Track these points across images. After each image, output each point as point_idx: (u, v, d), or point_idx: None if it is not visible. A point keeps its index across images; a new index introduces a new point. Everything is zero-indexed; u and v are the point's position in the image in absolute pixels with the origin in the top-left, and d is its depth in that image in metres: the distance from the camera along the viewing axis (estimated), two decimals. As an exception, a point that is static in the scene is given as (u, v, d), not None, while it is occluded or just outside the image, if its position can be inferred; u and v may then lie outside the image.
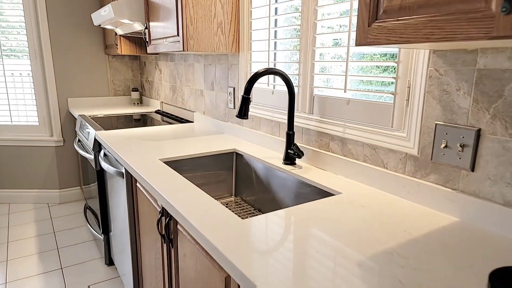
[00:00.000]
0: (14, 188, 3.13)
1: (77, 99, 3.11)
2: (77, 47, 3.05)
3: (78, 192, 3.25)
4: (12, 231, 2.62)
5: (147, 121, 2.43)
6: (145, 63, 3.20)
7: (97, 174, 2.06)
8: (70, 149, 3.15)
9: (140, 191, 1.41)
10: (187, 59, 2.36)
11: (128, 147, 1.64)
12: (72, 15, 2.97)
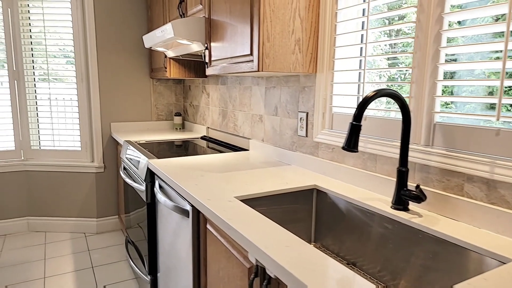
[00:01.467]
0: (51, 216, 2.99)
1: (119, 123, 2.99)
2: (123, 71, 2.95)
3: (116, 222, 3.07)
4: (48, 264, 2.44)
5: (190, 147, 2.24)
6: (190, 87, 3.06)
7: (147, 208, 1.86)
8: (110, 176, 3.00)
9: (214, 236, 1.18)
10: (243, 81, 2.18)
11: (191, 179, 1.43)
12: (120, 39, 2.90)
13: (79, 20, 2.78)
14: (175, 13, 2.30)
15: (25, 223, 2.98)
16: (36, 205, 2.97)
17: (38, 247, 2.69)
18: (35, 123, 2.93)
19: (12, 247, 2.68)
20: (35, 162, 2.92)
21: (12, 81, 2.85)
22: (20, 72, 2.85)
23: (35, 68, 2.86)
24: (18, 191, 2.93)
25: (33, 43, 2.82)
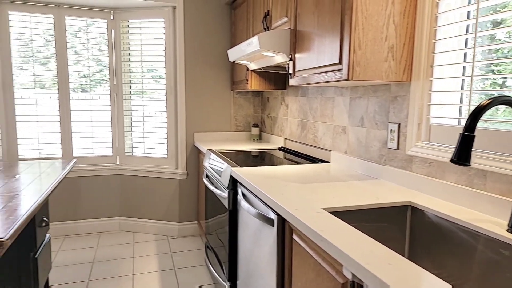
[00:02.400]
0: (139, 217, 3.24)
1: (202, 133, 3.15)
2: (207, 84, 3.13)
3: (195, 227, 3.21)
4: (136, 262, 2.63)
5: (267, 158, 2.25)
6: (268, 99, 3.12)
7: (229, 215, 1.90)
8: (192, 183, 3.17)
9: (300, 247, 1.15)
10: (325, 92, 2.15)
11: (276, 189, 1.43)
12: (205, 55, 3.09)
13: (171, 38, 3.03)
14: (259, 27, 2.38)
15: (117, 222, 3.28)
16: (127, 207, 3.26)
17: (127, 246, 2.93)
18: (129, 132, 3.24)
19: (106, 244, 2.96)
20: (128, 167, 3.22)
21: (113, 95, 3.20)
22: (119, 87, 3.19)
23: (131, 83, 3.18)
24: (113, 193, 3.24)
25: (130, 60, 3.14)
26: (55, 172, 1.81)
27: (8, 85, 2.93)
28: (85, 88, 3.13)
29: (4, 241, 0.95)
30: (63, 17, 2.99)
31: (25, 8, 2.91)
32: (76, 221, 3.16)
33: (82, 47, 3.08)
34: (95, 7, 3.06)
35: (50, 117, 3.06)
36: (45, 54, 2.99)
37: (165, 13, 3.01)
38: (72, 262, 2.62)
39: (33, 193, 1.41)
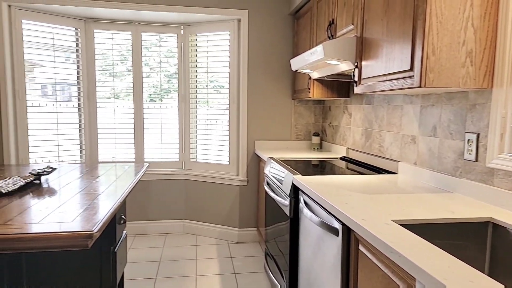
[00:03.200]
0: (201, 221, 3.38)
1: (262, 141, 3.21)
2: (268, 93, 3.19)
3: (254, 234, 3.26)
4: (199, 264, 2.74)
5: (328, 167, 2.21)
6: (330, 108, 3.08)
7: (290, 223, 1.91)
8: (252, 190, 3.23)
9: (368, 259, 1.12)
10: (392, 100, 2.07)
11: (340, 198, 1.40)
12: (267, 65, 3.16)
13: (235, 49, 3.15)
14: (323, 35, 2.38)
15: (182, 225, 3.45)
16: (190, 210, 3.42)
17: (191, 248, 3.07)
18: (194, 139, 3.42)
19: (172, 245, 3.13)
20: (192, 172, 3.38)
21: (181, 104, 3.41)
22: (186, 97, 3.39)
23: (197, 93, 3.35)
24: (178, 196, 3.43)
25: (197, 71, 3.33)
26: (131, 175, 1.97)
27: (92, 96, 3.27)
28: (156, 98, 3.37)
29: (93, 233, 1.07)
30: (140, 33, 3.28)
31: (108, 27, 3.24)
32: (146, 222, 3.40)
33: (154, 60, 3.33)
34: (167, 23, 3.30)
35: (125, 125, 3.35)
36: (123, 67, 3.30)
37: (230, 26, 3.15)
38: (141, 260, 2.81)
39: (114, 192, 1.55)
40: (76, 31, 3.17)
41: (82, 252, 1.54)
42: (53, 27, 3.05)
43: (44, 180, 1.79)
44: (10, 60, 2.89)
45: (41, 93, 3.08)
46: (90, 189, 1.61)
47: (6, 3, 2.81)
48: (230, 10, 3.06)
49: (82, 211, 1.26)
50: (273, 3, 3.12)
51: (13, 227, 1.08)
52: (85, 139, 3.29)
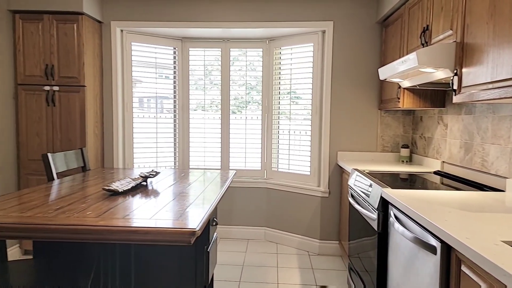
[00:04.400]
0: (282, 229, 3.43)
1: (345, 152, 3.15)
2: (352, 103, 3.13)
3: (336, 247, 3.19)
4: (280, 272, 2.78)
5: (419, 182, 2.06)
6: (421, 118, 2.89)
7: (378, 237, 1.84)
8: (333, 202, 3.18)
9: (471, 281, 1.03)
10: (498, 110, 1.87)
11: (437, 214, 1.31)
12: (351, 74, 3.11)
13: (318, 61, 3.17)
14: (415, 43, 2.27)
15: (263, 232, 3.54)
16: (272, 218, 3.50)
17: (272, 255, 3.12)
18: (275, 149, 3.50)
19: (253, 251, 3.23)
20: (274, 181, 3.46)
21: (264, 115, 3.54)
22: (270, 108, 3.50)
23: (280, 104, 3.44)
24: (260, 204, 3.53)
25: (280, 83, 3.42)
26: (221, 181, 2.11)
27: (185, 108, 3.59)
28: (240, 110, 3.56)
29: (196, 231, 1.18)
30: (228, 49, 3.51)
31: (201, 44, 3.54)
32: (229, 226, 3.56)
33: (239, 73, 3.53)
34: (254, 38, 3.48)
35: (213, 134, 3.59)
36: (212, 81, 3.56)
37: (314, 38, 3.18)
38: (226, 262, 2.96)
39: (209, 196, 1.68)
40: (174, 50, 3.53)
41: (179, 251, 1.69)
42: (155, 47, 3.45)
43: (149, 182, 2.02)
44: (121, 77, 3.34)
45: (143, 106, 3.49)
46: (188, 192, 1.77)
47: (119, 28, 3.26)
48: (315, 23, 3.10)
49: (184, 211, 1.39)
50: (359, 13, 3.07)
51: (130, 221, 1.24)
52: (178, 147, 3.61)
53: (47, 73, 2.97)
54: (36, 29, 2.95)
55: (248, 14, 3.17)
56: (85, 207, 1.40)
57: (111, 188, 1.65)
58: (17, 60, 2.97)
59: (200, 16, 3.19)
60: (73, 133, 3.02)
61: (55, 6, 2.89)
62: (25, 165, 3.03)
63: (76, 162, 2.31)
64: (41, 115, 3.01)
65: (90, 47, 3.07)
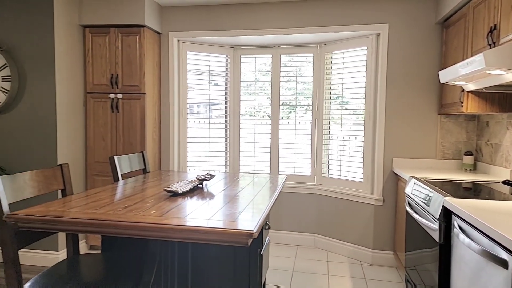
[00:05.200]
0: (332, 237, 3.36)
1: (401, 159, 3.02)
2: (408, 108, 3.00)
3: (391, 257, 3.06)
4: (331, 280, 2.73)
5: (484, 191, 1.91)
6: (487, 123, 2.69)
7: (440, 249, 1.74)
8: (388, 210, 3.06)
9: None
10: None
11: (507, 225, 1.22)
12: (408, 78, 2.99)
13: (372, 64, 3.09)
14: (481, 43, 2.13)
15: (312, 239, 3.50)
16: (321, 225, 3.44)
17: (322, 263, 3.07)
18: (326, 154, 3.45)
19: (303, 257, 3.20)
20: (324, 187, 3.41)
21: (314, 120, 3.51)
22: (320, 113, 3.47)
23: (331, 109, 3.40)
24: (310, 210, 3.50)
25: (331, 88, 3.38)
26: (273, 185, 2.13)
27: (236, 113, 3.68)
28: (289, 115, 3.56)
29: (253, 233, 1.21)
30: (279, 55, 3.54)
31: (252, 51, 3.61)
32: (279, 231, 3.57)
33: (290, 79, 3.54)
34: (305, 44, 3.48)
35: (262, 139, 3.63)
36: (262, 87, 3.61)
37: (368, 41, 3.11)
38: (276, 267, 2.96)
39: (262, 200, 1.71)
40: (226, 57, 3.65)
41: (233, 252, 1.73)
42: (209, 55, 3.58)
43: (205, 184, 2.10)
44: (177, 85, 3.52)
45: (196, 112, 3.63)
46: (242, 195, 1.81)
47: (176, 38, 3.44)
48: (369, 26, 3.03)
49: (240, 213, 1.43)
50: (416, 14, 2.95)
51: (191, 220, 1.31)
52: (229, 151, 3.70)
53: (112, 82, 3.22)
54: (104, 42, 3.21)
55: (300, 20, 3.18)
56: (149, 207, 1.49)
57: (172, 189, 1.74)
58: (86, 71, 3.25)
59: (252, 24, 3.27)
60: (134, 137, 3.23)
61: (121, 20, 3.13)
62: (92, 166, 3.29)
63: (138, 165, 2.47)
64: (106, 120, 3.26)
65: (150, 57, 3.27)
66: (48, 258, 3.00)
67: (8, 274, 1.34)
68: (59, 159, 2.98)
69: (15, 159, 3.01)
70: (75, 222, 1.28)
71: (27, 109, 2.97)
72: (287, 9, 3.20)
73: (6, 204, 1.35)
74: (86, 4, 3.16)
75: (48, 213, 1.33)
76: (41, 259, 3.00)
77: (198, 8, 3.35)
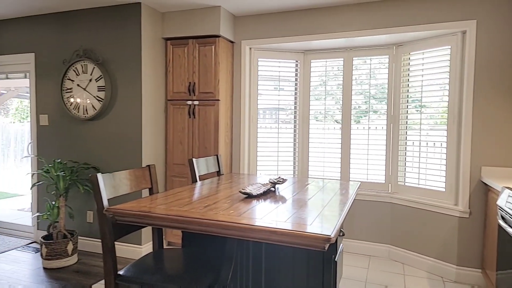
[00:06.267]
0: (409, 249, 3.15)
1: (491, 168, 2.72)
2: (501, 111, 2.70)
3: (478, 276, 2.76)
4: (408, 295, 2.56)
5: None
6: None
7: (544, 270, 1.53)
8: (475, 223, 2.77)
9: None
10: None
11: None
12: (500, 79, 2.69)
13: (457, 65, 2.85)
14: None
15: (386, 250, 3.31)
16: (397, 236, 3.25)
17: (398, 276, 2.90)
18: (402, 161, 3.26)
19: (376, 268, 3.05)
20: (400, 196, 3.22)
21: (389, 125, 3.34)
22: (396, 117, 3.29)
23: (408, 113, 3.20)
24: (384, 219, 3.33)
25: (409, 91, 3.19)
26: (346, 191, 2.07)
27: (305, 118, 3.66)
28: (361, 119, 3.44)
29: (331, 238, 1.19)
30: (351, 58, 3.46)
31: (323, 56, 3.58)
32: (350, 240, 3.45)
33: (361, 82, 3.42)
34: (379, 46, 3.34)
35: (332, 144, 3.56)
36: (332, 91, 3.54)
37: (452, 40, 2.88)
38: (348, 277, 2.87)
39: (337, 205, 1.68)
40: (296, 63, 3.66)
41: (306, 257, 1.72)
42: (279, 61, 3.64)
43: (277, 188, 2.13)
44: (248, 91, 3.63)
45: (266, 116, 3.70)
46: (315, 200, 1.80)
47: (248, 46, 3.56)
48: (453, 23, 2.81)
49: (315, 218, 1.42)
50: (509, 9, 2.65)
51: (267, 222, 1.33)
52: (298, 156, 3.70)
53: (190, 89, 3.44)
54: (183, 53, 3.46)
55: (373, 22, 3.07)
56: (227, 207, 1.56)
57: (247, 191, 1.80)
58: (167, 80, 3.52)
59: (323, 28, 3.24)
60: (208, 141, 3.40)
61: (198, 31, 3.34)
62: (171, 168, 3.54)
63: (214, 167, 2.59)
64: (184, 126, 3.49)
65: (224, 65, 3.43)
66: (132, 251, 3.29)
67: (106, 261, 1.50)
68: (143, 161, 3.27)
69: (106, 160, 3.37)
70: (163, 218, 1.39)
71: (117, 115, 3.31)
72: (359, 11, 3.12)
73: (106, 199, 1.52)
74: (168, 18, 3.44)
75: (140, 208, 1.47)
76: (127, 251, 3.31)
77: (270, 15, 3.43)
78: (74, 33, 3.45)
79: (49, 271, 2.95)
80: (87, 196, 3.46)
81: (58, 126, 3.57)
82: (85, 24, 3.40)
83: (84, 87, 3.38)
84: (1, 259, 3.20)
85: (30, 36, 3.66)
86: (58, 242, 2.99)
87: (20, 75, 3.89)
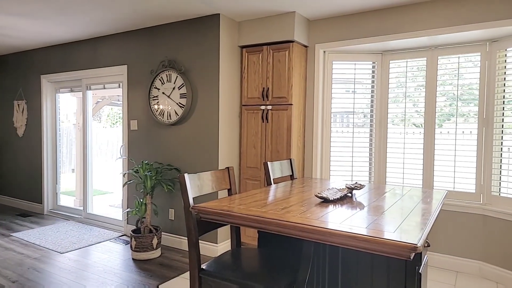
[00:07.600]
0: (505, 268, 2.79)
1: None
2: None
3: None
4: (505, 320, 2.27)
5: None
6: None
7: None
8: None
9: None
10: None
11: None
12: None
13: None
14: None
15: (477, 266, 2.99)
16: (490, 252, 2.91)
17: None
18: (497, 169, 2.91)
19: (464, 286, 2.76)
20: (494, 208, 2.88)
21: (480, 129, 3.02)
22: (489, 121, 2.96)
23: (504, 116, 2.86)
24: (473, 233, 3.01)
25: (505, 91, 2.85)
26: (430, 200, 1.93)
27: (383, 121, 3.49)
28: (444, 123, 3.16)
29: (417, 247, 1.12)
30: (436, 57, 3.21)
31: (403, 56, 3.38)
32: (434, 253, 3.19)
33: (445, 82, 3.15)
34: (469, 42, 3.06)
35: (413, 149, 3.33)
36: (414, 93, 3.32)
37: (561, 31, 2.51)
38: (429, 292, 2.65)
39: (421, 214, 1.57)
40: (373, 64, 3.52)
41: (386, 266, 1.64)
42: (355, 64, 3.53)
43: (353, 194, 2.07)
44: (322, 95, 3.59)
45: (340, 120, 3.62)
46: (396, 208, 1.71)
47: (322, 49, 3.53)
48: (562, 11, 2.45)
49: (398, 225, 1.35)
50: None
51: (347, 227, 1.31)
52: (374, 161, 3.54)
53: (263, 95, 3.52)
54: (257, 59, 3.56)
55: (461, 17, 2.82)
56: (304, 210, 1.56)
57: (323, 196, 1.78)
58: (242, 86, 3.66)
59: (403, 27, 3.07)
60: (281, 145, 3.44)
61: (272, 37, 3.41)
62: (244, 171, 3.66)
63: (287, 171, 2.62)
64: (257, 130, 3.58)
65: (297, 69, 3.45)
66: (209, 249, 3.46)
67: (191, 255, 1.61)
68: (220, 163, 3.43)
69: (186, 162, 3.61)
70: (243, 217, 1.45)
71: (197, 120, 3.54)
72: (443, 6, 2.89)
73: (191, 198, 1.64)
74: (244, 27, 3.58)
75: (221, 207, 1.55)
76: (204, 249, 3.49)
77: (345, 17, 3.36)
78: (160, 45, 3.77)
79: (137, 262, 3.25)
80: (169, 195, 3.74)
81: (145, 130, 3.93)
82: (169, 37, 3.70)
83: (168, 95, 3.67)
84: (98, 248, 3.61)
85: (123, 49, 4.10)
86: (145, 236, 3.29)
87: (115, 85, 4.38)
